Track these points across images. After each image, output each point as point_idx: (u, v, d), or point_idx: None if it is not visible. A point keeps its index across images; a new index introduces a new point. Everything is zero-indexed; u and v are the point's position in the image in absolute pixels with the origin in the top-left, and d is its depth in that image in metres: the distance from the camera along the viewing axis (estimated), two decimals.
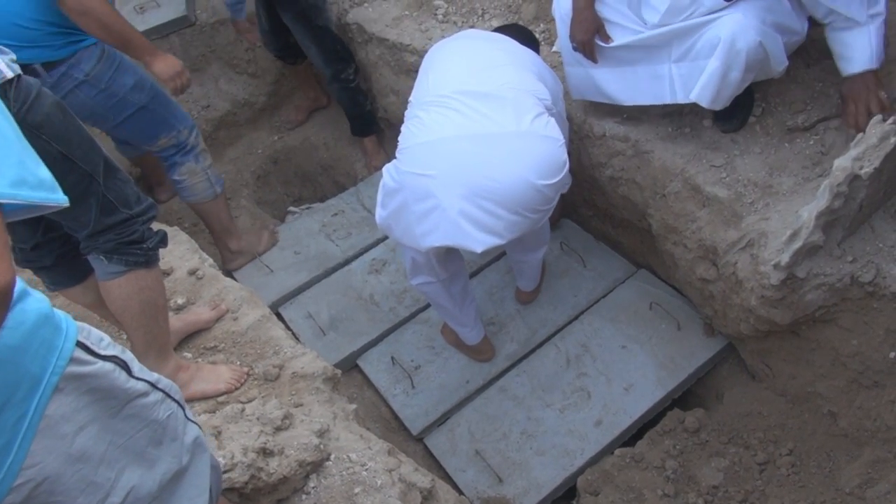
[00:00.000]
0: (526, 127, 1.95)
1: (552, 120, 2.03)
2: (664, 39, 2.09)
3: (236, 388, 1.92)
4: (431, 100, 2.05)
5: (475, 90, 2.00)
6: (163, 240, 1.74)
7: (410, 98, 2.18)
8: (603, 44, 2.20)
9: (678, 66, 2.11)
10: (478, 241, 1.96)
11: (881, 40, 1.92)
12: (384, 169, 2.10)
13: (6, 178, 0.74)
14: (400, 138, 2.09)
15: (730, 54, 1.94)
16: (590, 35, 2.18)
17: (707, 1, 1.98)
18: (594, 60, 2.25)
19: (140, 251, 1.66)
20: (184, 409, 1.17)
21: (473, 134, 1.95)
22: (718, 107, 2.10)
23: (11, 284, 0.72)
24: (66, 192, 0.86)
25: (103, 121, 2.42)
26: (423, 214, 1.99)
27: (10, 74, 1.31)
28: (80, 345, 0.94)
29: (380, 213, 2.13)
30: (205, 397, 1.89)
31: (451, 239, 1.98)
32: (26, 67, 2.03)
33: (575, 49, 2.26)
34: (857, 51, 1.91)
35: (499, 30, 2.41)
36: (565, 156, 2.02)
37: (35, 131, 1.35)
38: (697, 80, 2.05)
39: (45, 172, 0.80)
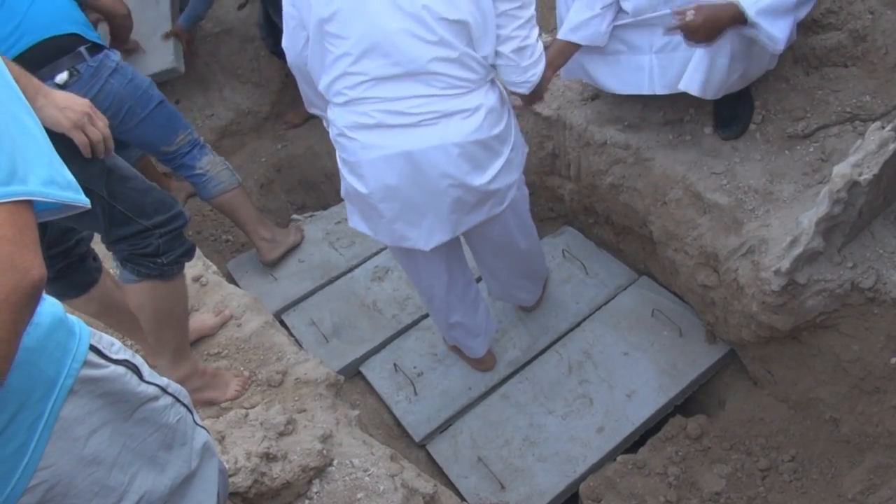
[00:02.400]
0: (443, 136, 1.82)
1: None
2: (646, 28, 2.11)
3: (240, 396, 1.93)
4: (347, 104, 1.85)
5: (396, 110, 1.81)
6: (186, 253, 1.67)
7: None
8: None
9: (658, 56, 2.14)
10: (421, 241, 1.98)
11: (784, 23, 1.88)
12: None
13: (38, 178, 0.75)
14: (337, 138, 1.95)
15: None
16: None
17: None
18: None
19: (153, 265, 1.61)
20: (192, 414, 1.18)
21: (396, 154, 1.84)
22: (710, 96, 2.09)
23: (44, 278, 0.73)
24: None
25: (132, 114, 2.51)
26: (364, 215, 2.03)
27: None
28: (92, 349, 0.95)
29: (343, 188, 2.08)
30: (212, 404, 1.90)
31: (396, 242, 2.03)
32: (80, 38, 2.34)
33: None
34: None
35: None
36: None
37: None
38: (675, 72, 2.07)
39: (69, 174, 0.82)
